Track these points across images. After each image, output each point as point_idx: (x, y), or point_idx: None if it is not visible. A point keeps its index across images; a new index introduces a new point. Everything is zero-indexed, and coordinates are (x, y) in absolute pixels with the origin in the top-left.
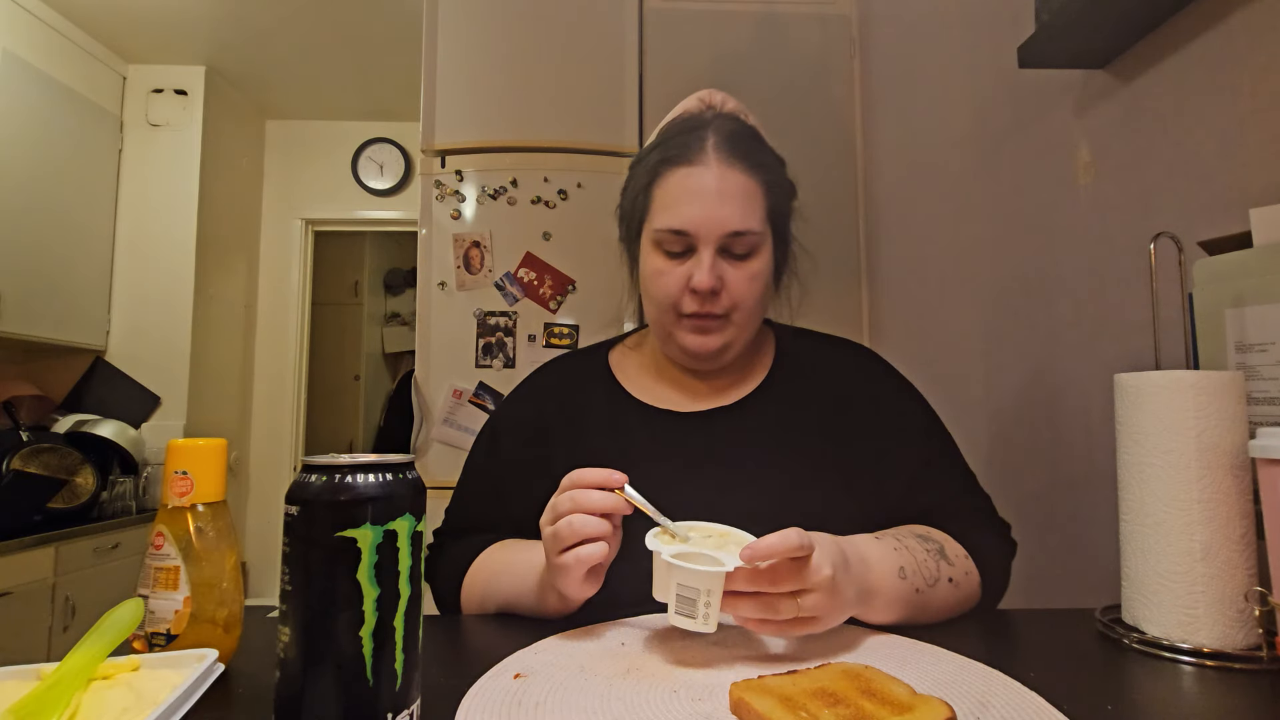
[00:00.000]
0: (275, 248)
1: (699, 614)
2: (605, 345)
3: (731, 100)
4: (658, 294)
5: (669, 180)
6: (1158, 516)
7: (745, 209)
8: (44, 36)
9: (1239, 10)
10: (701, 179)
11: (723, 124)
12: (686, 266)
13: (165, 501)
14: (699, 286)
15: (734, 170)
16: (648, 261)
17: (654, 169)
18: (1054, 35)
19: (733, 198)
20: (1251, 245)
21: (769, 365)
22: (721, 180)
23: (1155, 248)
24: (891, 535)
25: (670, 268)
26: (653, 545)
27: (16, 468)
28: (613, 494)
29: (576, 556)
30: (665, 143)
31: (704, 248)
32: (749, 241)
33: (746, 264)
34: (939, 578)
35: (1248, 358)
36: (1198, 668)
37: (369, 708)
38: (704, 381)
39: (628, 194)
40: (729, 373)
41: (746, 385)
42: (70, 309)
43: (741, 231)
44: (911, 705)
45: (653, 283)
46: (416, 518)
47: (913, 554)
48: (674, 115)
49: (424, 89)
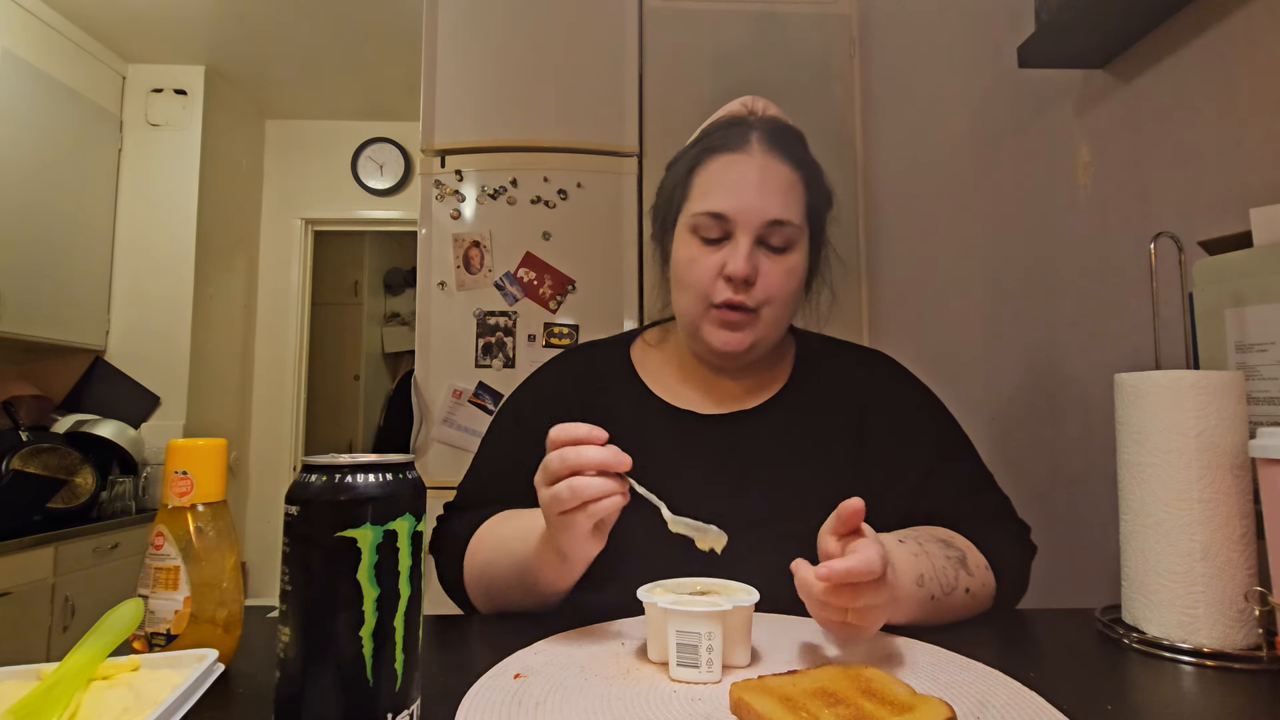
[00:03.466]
0: (275, 248)
1: (702, 661)
2: (626, 338)
3: (773, 107)
4: (690, 280)
5: (711, 166)
6: (1158, 516)
7: (786, 200)
8: (44, 36)
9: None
10: (745, 166)
11: (766, 122)
12: (722, 253)
13: (165, 501)
14: (734, 273)
15: (777, 161)
16: (681, 249)
17: (696, 158)
18: (1054, 35)
19: (775, 187)
20: (1251, 245)
21: (790, 370)
22: (764, 169)
23: (1155, 248)
24: (914, 539)
25: (705, 254)
26: (645, 598)
27: (16, 468)
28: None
29: (586, 512)
30: (708, 135)
31: (742, 234)
32: (787, 234)
33: (783, 258)
34: (956, 587)
35: (1248, 358)
36: (1198, 668)
37: (369, 708)
38: (726, 383)
39: (665, 187)
40: (752, 374)
41: (769, 389)
42: (70, 309)
43: (781, 221)
44: (911, 705)
45: (685, 269)
46: (416, 518)
47: (933, 561)
48: (717, 116)
49: (424, 89)
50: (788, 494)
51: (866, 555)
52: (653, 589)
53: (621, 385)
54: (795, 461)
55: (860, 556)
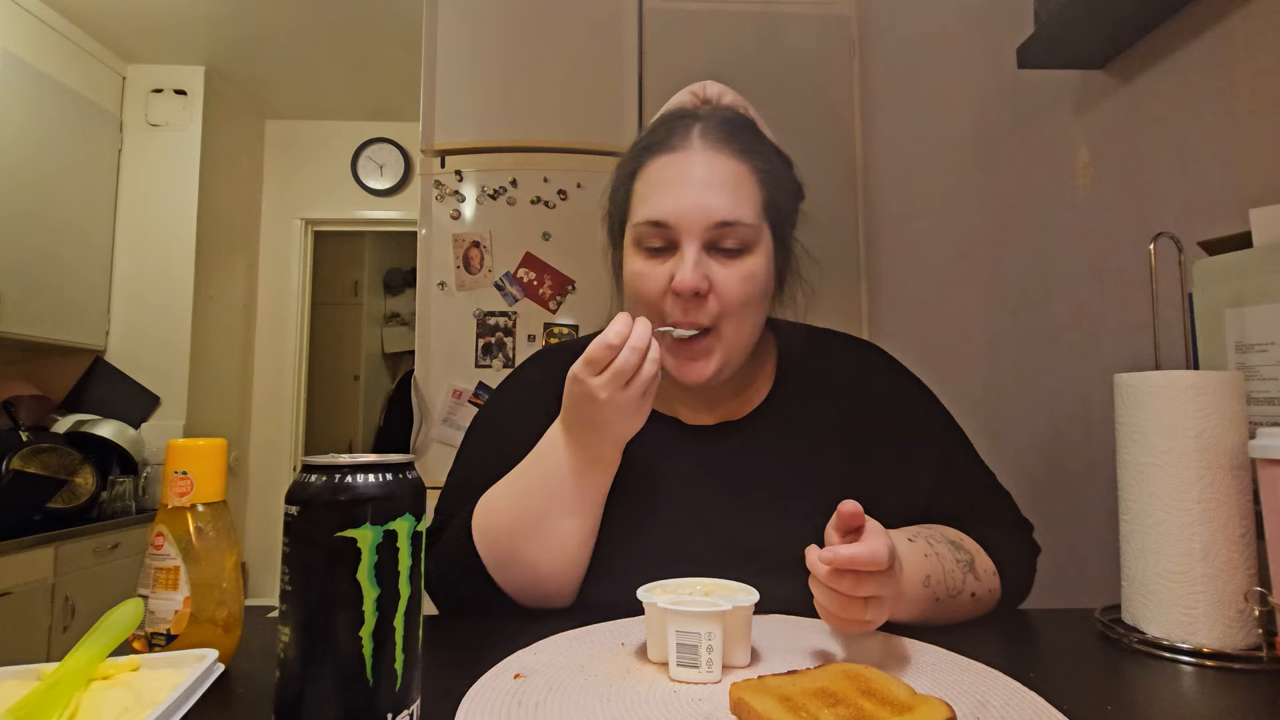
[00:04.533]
0: (275, 248)
1: (702, 661)
2: None
3: (730, 93)
4: (640, 297)
5: (650, 169)
6: (1158, 516)
7: (735, 198)
8: (44, 36)
9: (1238, 10)
10: (685, 165)
11: (714, 113)
12: (669, 265)
13: (165, 501)
14: (680, 287)
15: (721, 155)
16: (629, 264)
17: (636, 160)
18: (1053, 35)
19: (720, 185)
20: (1251, 245)
21: (774, 373)
22: (707, 167)
23: (1155, 248)
24: (925, 539)
25: (651, 268)
26: (645, 598)
27: (16, 468)
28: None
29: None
30: (650, 133)
31: (687, 242)
32: (740, 235)
33: (738, 262)
34: (962, 591)
35: (1248, 358)
36: (1198, 668)
37: (369, 708)
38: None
39: (610, 192)
40: (731, 387)
41: (753, 398)
42: (70, 309)
43: (730, 222)
44: (911, 705)
45: (634, 286)
46: (416, 518)
47: (942, 563)
48: (662, 111)
49: (424, 89)
50: (783, 501)
51: (873, 545)
52: (652, 589)
53: None
54: (790, 467)
55: (866, 545)
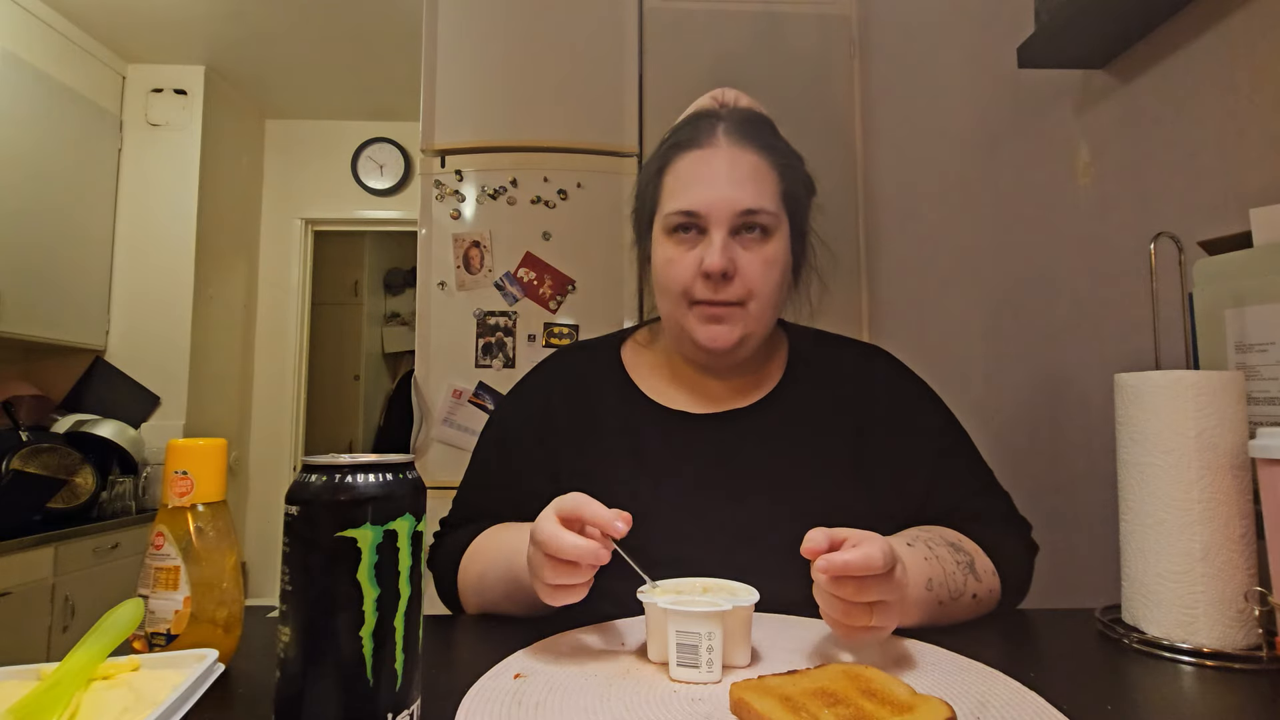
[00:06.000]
0: (275, 248)
1: (702, 661)
2: (615, 339)
3: (745, 97)
4: (669, 283)
5: (679, 165)
6: (1158, 516)
7: (758, 188)
8: (44, 36)
9: (1238, 10)
10: (712, 160)
11: (735, 113)
12: (698, 251)
13: (165, 501)
14: (710, 268)
15: (745, 150)
16: (659, 252)
17: (664, 157)
18: (1053, 35)
19: (744, 177)
20: (1251, 245)
21: (783, 367)
22: (732, 160)
23: (1155, 248)
24: (924, 543)
25: (681, 254)
26: (645, 598)
27: (16, 468)
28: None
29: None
30: (676, 132)
31: (715, 229)
32: (763, 222)
33: (761, 247)
34: (964, 593)
35: (1248, 358)
36: (1198, 668)
37: (369, 708)
38: (718, 383)
39: (639, 190)
40: (744, 373)
41: (761, 388)
42: (70, 309)
43: (754, 210)
44: (911, 705)
45: (663, 272)
46: (416, 518)
47: (943, 566)
48: (686, 113)
49: (424, 89)
50: (785, 493)
51: (867, 550)
52: (652, 589)
53: (612, 387)
54: (793, 459)
55: (860, 551)
